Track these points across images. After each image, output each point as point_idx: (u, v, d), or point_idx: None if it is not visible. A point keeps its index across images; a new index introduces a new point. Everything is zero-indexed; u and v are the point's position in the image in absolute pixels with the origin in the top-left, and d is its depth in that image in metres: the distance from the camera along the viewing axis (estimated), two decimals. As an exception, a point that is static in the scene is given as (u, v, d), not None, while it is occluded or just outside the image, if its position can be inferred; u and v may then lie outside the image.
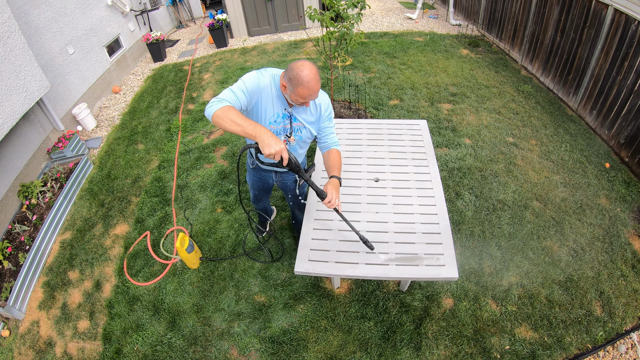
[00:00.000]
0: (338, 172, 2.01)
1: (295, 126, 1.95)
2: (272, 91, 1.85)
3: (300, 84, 1.68)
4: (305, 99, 1.74)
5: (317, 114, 1.96)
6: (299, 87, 1.69)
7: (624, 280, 2.72)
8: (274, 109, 1.88)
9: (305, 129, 1.97)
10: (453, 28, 7.18)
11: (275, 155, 1.61)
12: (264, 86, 1.83)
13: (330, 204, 1.88)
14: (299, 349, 2.46)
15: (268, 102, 1.86)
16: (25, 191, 3.76)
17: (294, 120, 1.93)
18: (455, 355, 2.38)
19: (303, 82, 1.67)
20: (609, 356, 2.36)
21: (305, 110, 1.93)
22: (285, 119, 1.92)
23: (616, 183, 3.46)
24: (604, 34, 3.84)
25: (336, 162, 2.04)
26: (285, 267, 2.97)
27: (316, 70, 1.72)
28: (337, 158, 2.05)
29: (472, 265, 2.86)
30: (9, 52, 3.66)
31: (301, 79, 1.67)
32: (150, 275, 3.05)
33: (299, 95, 1.72)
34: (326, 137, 2.06)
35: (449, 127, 4.30)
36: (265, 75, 1.85)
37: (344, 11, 3.61)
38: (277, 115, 1.89)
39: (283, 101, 1.87)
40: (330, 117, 2.02)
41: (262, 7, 7.35)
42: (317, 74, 1.72)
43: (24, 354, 2.68)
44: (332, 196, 1.87)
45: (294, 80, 1.68)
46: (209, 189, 3.78)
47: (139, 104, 5.55)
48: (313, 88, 1.70)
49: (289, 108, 1.89)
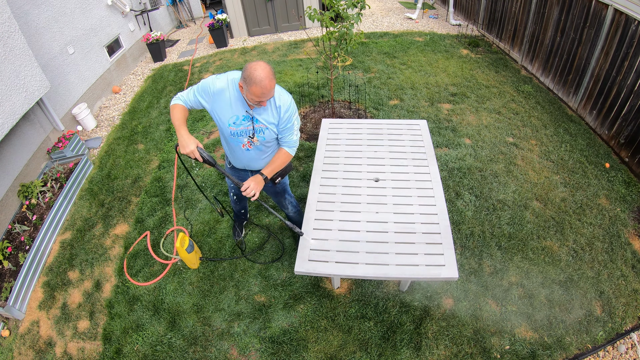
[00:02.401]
0: (269, 172, 2.08)
1: (258, 127, 2.01)
2: (230, 93, 1.92)
3: (253, 82, 1.73)
4: (259, 97, 1.78)
5: (277, 115, 1.99)
6: (252, 86, 1.74)
7: (624, 280, 2.72)
8: (232, 111, 1.95)
9: (267, 129, 2.02)
10: (453, 28, 7.18)
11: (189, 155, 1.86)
12: (217, 90, 1.92)
13: (245, 192, 1.97)
14: (299, 349, 2.46)
15: (224, 105, 1.94)
16: (25, 191, 3.76)
17: (256, 122, 1.98)
18: (455, 355, 2.38)
19: (256, 80, 1.72)
20: (609, 356, 2.36)
21: (266, 111, 1.97)
22: (246, 121, 1.98)
23: (616, 183, 3.46)
24: (604, 34, 3.84)
25: (274, 161, 2.10)
26: (285, 267, 2.97)
27: (270, 70, 1.76)
28: (278, 157, 2.11)
29: (472, 265, 2.86)
30: (9, 52, 3.66)
31: (254, 78, 1.72)
32: (150, 275, 3.05)
33: (253, 94, 1.77)
34: (282, 137, 2.09)
35: (449, 127, 4.30)
36: (221, 79, 1.93)
37: (344, 11, 3.61)
38: (237, 117, 1.96)
39: (244, 103, 1.92)
40: (290, 120, 2.02)
41: (262, 7, 7.35)
42: (271, 72, 1.76)
43: (24, 354, 2.68)
44: (246, 186, 1.97)
45: (248, 79, 1.74)
46: (209, 189, 3.78)
47: (139, 104, 5.55)
48: (266, 86, 1.74)
49: (250, 110, 1.94)
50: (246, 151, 2.13)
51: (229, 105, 1.94)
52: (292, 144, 2.13)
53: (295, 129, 2.09)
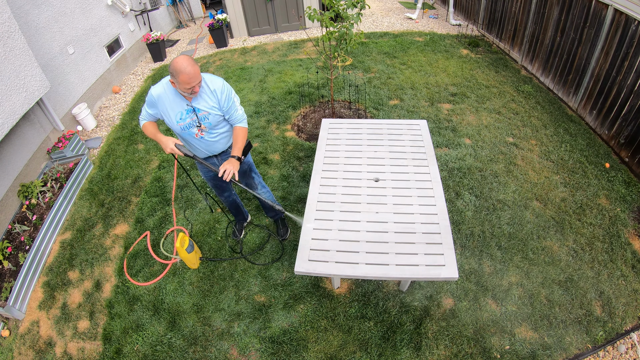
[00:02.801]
0: (237, 151, 2.23)
1: (201, 115, 2.17)
2: (168, 95, 2.11)
3: (178, 72, 1.91)
4: (189, 83, 1.94)
5: (215, 99, 2.16)
6: (179, 76, 1.91)
7: (624, 280, 2.72)
8: (175, 109, 2.13)
9: (210, 114, 2.19)
10: (453, 28, 7.18)
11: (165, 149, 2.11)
12: (157, 96, 2.12)
13: (225, 176, 2.13)
14: (299, 349, 2.46)
15: (167, 106, 2.13)
16: (25, 191, 3.76)
17: (198, 111, 2.15)
18: (455, 355, 2.38)
19: (180, 69, 1.90)
20: (609, 356, 2.36)
21: (203, 98, 2.13)
22: (190, 114, 2.15)
23: (616, 183, 3.46)
24: (604, 34, 3.84)
25: (237, 140, 2.26)
26: (285, 267, 2.97)
27: (189, 57, 1.95)
28: (238, 135, 2.27)
29: (472, 265, 2.86)
30: (9, 52, 3.66)
31: (177, 69, 1.90)
32: (150, 275, 3.05)
33: (182, 82, 1.93)
34: (230, 117, 2.27)
35: (449, 127, 4.30)
36: (157, 86, 2.13)
37: (344, 11, 3.61)
38: (181, 113, 2.14)
39: (182, 98, 2.11)
40: (230, 98, 2.20)
41: (262, 7, 7.35)
42: (191, 59, 1.95)
43: (24, 354, 2.68)
44: (223, 170, 2.13)
45: (174, 72, 1.93)
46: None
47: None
48: (190, 72, 1.91)
49: (189, 102, 2.12)
50: (200, 139, 2.30)
51: (170, 105, 2.13)
52: (242, 118, 2.30)
53: (238, 105, 2.27)
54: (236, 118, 2.28)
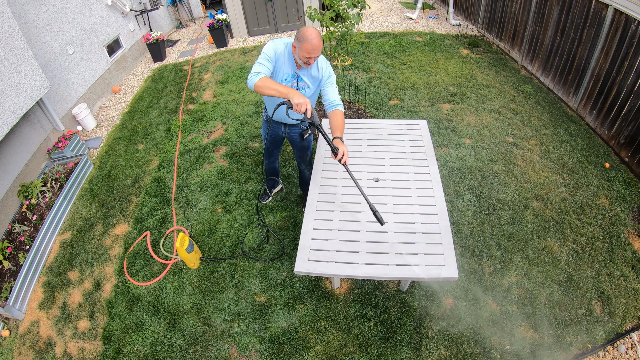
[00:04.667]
0: (340, 133, 2.29)
1: (301, 85, 2.36)
2: (285, 55, 2.28)
3: (305, 40, 2.07)
4: (309, 53, 2.10)
5: (319, 75, 2.35)
6: (304, 43, 2.08)
7: (624, 280, 2.72)
8: (285, 70, 2.31)
9: (309, 88, 2.38)
10: (453, 28, 7.18)
11: (302, 106, 1.99)
12: (280, 52, 2.27)
13: (343, 159, 2.16)
14: (299, 349, 2.46)
15: (282, 64, 2.30)
16: (25, 191, 3.76)
17: (300, 80, 2.35)
18: (455, 355, 2.38)
19: (307, 38, 2.07)
20: (609, 356, 2.36)
21: (310, 72, 2.33)
22: (293, 79, 2.34)
23: (616, 183, 3.46)
24: (604, 34, 3.84)
25: (338, 123, 2.32)
26: (285, 267, 2.97)
27: (318, 32, 2.13)
28: (339, 119, 2.33)
29: (472, 265, 2.86)
30: (9, 52, 3.66)
31: (306, 37, 2.07)
32: (150, 275, 3.05)
33: (304, 50, 2.10)
34: (327, 96, 2.39)
35: (449, 127, 4.30)
36: (279, 43, 2.28)
37: (344, 11, 3.61)
38: (288, 75, 2.32)
39: (293, 63, 2.30)
40: (331, 78, 2.38)
41: (262, 7, 7.35)
42: (320, 35, 2.13)
43: (24, 354, 2.68)
44: (342, 152, 2.16)
45: (301, 38, 2.09)
46: (209, 189, 3.78)
47: (139, 104, 5.55)
48: (315, 43, 2.08)
49: (297, 69, 2.32)
50: None
51: (283, 64, 2.30)
52: (340, 102, 2.40)
53: (336, 87, 2.42)
54: (333, 99, 2.38)
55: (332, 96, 2.37)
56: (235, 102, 5.23)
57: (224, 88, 5.65)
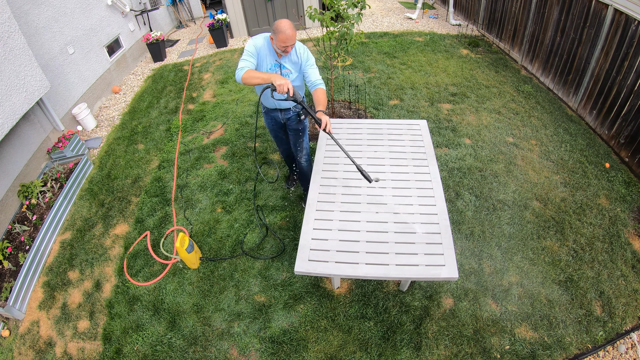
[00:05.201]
0: (323, 107, 2.52)
1: (284, 72, 2.57)
2: (266, 48, 2.50)
3: (279, 31, 2.29)
4: (284, 42, 2.32)
5: (299, 60, 2.56)
6: (279, 34, 2.30)
7: (624, 280, 2.72)
8: (267, 60, 2.53)
9: (292, 73, 2.59)
10: (453, 28, 7.18)
11: (283, 86, 2.24)
12: (260, 46, 2.49)
13: (327, 127, 2.38)
14: (299, 349, 2.46)
15: (264, 57, 2.52)
16: (25, 191, 3.76)
17: (283, 68, 2.56)
18: (455, 355, 2.38)
19: (281, 29, 2.29)
20: (609, 356, 2.36)
21: (290, 58, 2.54)
22: (276, 68, 2.56)
23: (616, 183, 3.46)
24: (604, 34, 3.84)
25: (320, 99, 2.55)
26: (285, 267, 2.97)
27: (291, 23, 2.34)
28: (320, 95, 2.56)
29: (472, 265, 2.86)
30: (9, 52, 3.66)
31: (280, 29, 2.29)
32: (150, 275, 3.05)
33: (280, 40, 2.32)
34: (309, 77, 2.60)
35: (449, 127, 4.30)
36: (258, 38, 2.51)
37: (344, 11, 3.61)
38: (271, 65, 2.55)
39: (274, 54, 2.52)
40: (309, 61, 2.57)
41: (262, 7, 7.35)
42: (292, 25, 2.34)
43: (24, 354, 2.68)
44: (325, 121, 2.38)
45: (276, 30, 2.31)
46: (209, 189, 3.78)
47: (139, 104, 5.55)
48: (289, 33, 2.30)
49: (278, 59, 2.53)
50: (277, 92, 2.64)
51: (266, 56, 2.52)
52: (320, 81, 2.60)
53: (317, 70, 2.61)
54: (314, 79, 2.58)
55: (313, 76, 2.59)
56: (235, 102, 5.23)
57: (224, 88, 5.65)
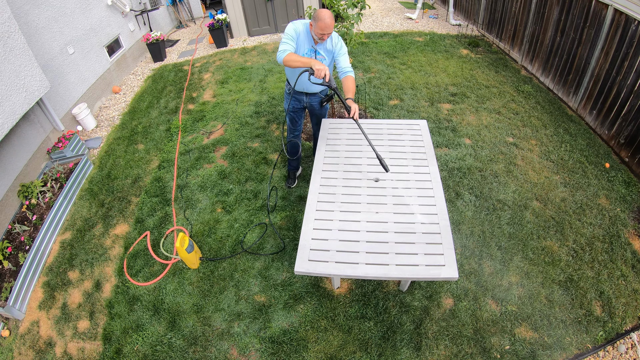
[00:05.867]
0: (352, 95, 2.66)
1: (319, 58, 2.77)
2: (304, 33, 2.70)
3: (319, 19, 2.50)
4: (323, 30, 2.52)
5: (332, 48, 2.77)
6: (319, 22, 2.50)
7: (624, 280, 2.72)
8: (305, 45, 2.73)
9: (325, 60, 2.79)
10: (453, 28, 7.18)
11: (322, 71, 2.41)
12: (299, 31, 2.70)
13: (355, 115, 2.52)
14: (299, 349, 2.46)
15: (302, 41, 2.72)
16: (25, 191, 3.76)
17: (317, 54, 2.76)
18: (455, 355, 2.38)
19: (321, 18, 2.49)
20: (609, 356, 2.36)
21: (325, 46, 2.74)
22: (312, 53, 2.75)
23: (616, 183, 3.46)
24: (604, 34, 3.84)
25: (350, 86, 2.70)
26: (285, 267, 2.97)
27: (331, 13, 2.54)
28: (350, 83, 2.71)
29: (472, 265, 2.86)
30: (9, 52, 3.66)
31: (320, 17, 2.50)
32: (150, 275, 3.05)
33: (319, 27, 2.52)
34: (340, 64, 2.77)
35: (449, 127, 4.30)
36: (299, 24, 2.71)
37: (344, 11, 3.61)
38: (308, 49, 2.74)
39: (311, 40, 2.72)
40: (342, 49, 2.76)
41: (262, 7, 7.35)
42: (332, 14, 2.55)
43: (24, 354, 2.68)
44: (354, 110, 2.52)
45: (316, 18, 2.52)
46: (209, 189, 3.78)
47: (139, 104, 5.55)
48: (327, 22, 2.49)
49: (314, 45, 2.73)
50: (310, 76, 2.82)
51: (302, 41, 2.71)
52: (351, 69, 2.77)
53: (347, 57, 2.77)
54: (345, 66, 2.74)
55: (344, 64, 2.75)
56: (235, 102, 5.23)
57: (224, 88, 5.65)
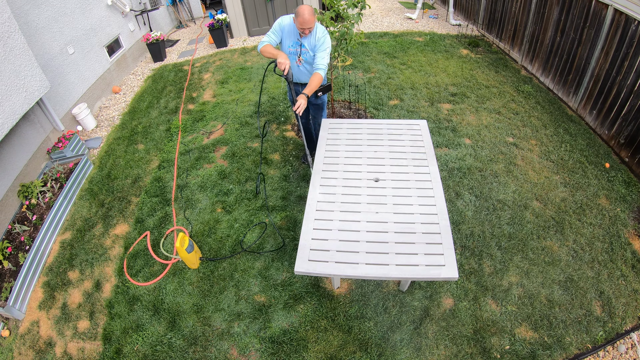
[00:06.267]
0: (308, 91, 2.80)
1: (303, 50, 2.96)
2: (291, 27, 2.91)
3: (298, 15, 2.70)
4: (302, 25, 2.72)
5: (315, 43, 2.90)
6: (298, 17, 2.71)
7: (624, 280, 2.72)
8: (290, 39, 2.96)
9: (308, 53, 2.96)
10: (453, 28, 7.18)
11: (282, 65, 2.73)
12: (285, 24, 2.95)
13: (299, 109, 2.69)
14: (299, 349, 2.46)
15: (289, 34, 2.95)
16: (25, 191, 3.76)
17: (302, 46, 2.94)
18: (455, 355, 2.38)
19: (300, 13, 2.69)
20: (609, 356, 2.36)
21: (309, 39, 2.91)
22: (297, 46, 2.96)
23: (616, 183, 3.46)
24: (604, 34, 3.84)
25: (311, 83, 2.84)
26: (285, 267, 2.97)
27: (312, 9, 2.72)
28: (313, 80, 2.84)
29: (472, 265, 2.86)
30: (9, 52, 3.66)
31: (299, 13, 2.70)
32: (150, 275, 3.05)
33: (299, 23, 2.72)
34: (315, 60, 2.91)
35: (449, 127, 4.30)
36: (286, 18, 2.96)
37: (344, 11, 3.61)
38: (293, 42, 2.96)
39: (296, 33, 2.91)
40: (323, 46, 2.86)
41: (262, 7, 7.35)
42: (312, 11, 2.72)
43: (24, 354, 2.68)
44: (299, 103, 2.70)
45: (297, 13, 2.72)
46: (209, 189, 3.78)
47: (139, 104, 5.55)
48: (306, 18, 2.68)
49: (300, 38, 2.91)
50: (297, 67, 3.08)
51: (288, 33, 2.94)
52: (322, 67, 2.86)
53: (326, 55, 2.87)
54: (318, 65, 2.86)
55: (317, 61, 2.87)
56: (235, 102, 5.23)
57: (224, 88, 5.65)
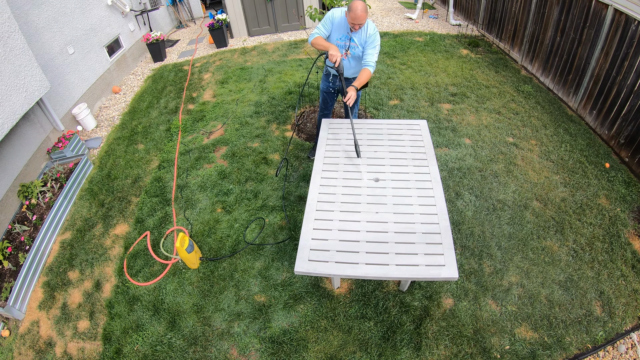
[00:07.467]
0: (357, 84, 2.82)
1: (352, 45, 2.97)
2: (342, 21, 2.91)
3: (351, 10, 2.72)
4: (353, 20, 2.74)
5: (365, 39, 2.93)
6: (350, 12, 2.73)
7: (624, 280, 2.72)
8: (340, 31, 2.96)
9: (357, 48, 2.97)
10: (453, 28, 7.18)
11: (333, 57, 2.77)
12: (336, 17, 2.93)
13: (349, 100, 2.70)
14: (299, 349, 2.46)
15: (339, 27, 2.95)
16: (25, 191, 3.76)
17: (352, 41, 2.95)
18: (455, 355, 2.38)
19: (352, 9, 2.71)
20: (609, 356, 2.36)
21: (359, 35, 2.92)
22: (346, 39, 2.96)
23: (616, 183, 3.46)
24: (604, 34, 3.84)
25: (361, 77, 2.86)
26: (285, 267, 2.97)
27: (363, 6, 2.73)
28: (362, 74, 2.87)
29: (472, 265, 2.86)
30: (9, 52, 3.66)
31: (352, 8, 2.71)
32: (150, 275, 3.05)
33: (350, 18, 2.75)
34: (364, 56, 2.95)
35: (449, 127, 4.30)
36: (337, 11, 2.95)
37: (344, 11, 3.60)
38: (343, 36, 2.96)
39: (346, 27, 2.91)
40: (373, 44, 2.91)
41: (262, 7, 7.35)
42: (365, 7, 2.74)
43: (24, 354, 2.68)
44: (349, 95, 2.70)
45: (350, 8, 2.73)
46: (209, 189, 3.78)
47: (139, 104, 5.55)
48: (357, 14, 2.70)
49: (350, 32, 2.91)
50: (343, 60, 3.04)
51: (339, 27, 2.94)
52: (372, 64, 2.90)
53: (376, 53, 2.91)
54: (369, 61, 2.89)
55: (368, 58, 2.91)
56: (235, 102, 5.23)
57: (224, 88, 5.65)
